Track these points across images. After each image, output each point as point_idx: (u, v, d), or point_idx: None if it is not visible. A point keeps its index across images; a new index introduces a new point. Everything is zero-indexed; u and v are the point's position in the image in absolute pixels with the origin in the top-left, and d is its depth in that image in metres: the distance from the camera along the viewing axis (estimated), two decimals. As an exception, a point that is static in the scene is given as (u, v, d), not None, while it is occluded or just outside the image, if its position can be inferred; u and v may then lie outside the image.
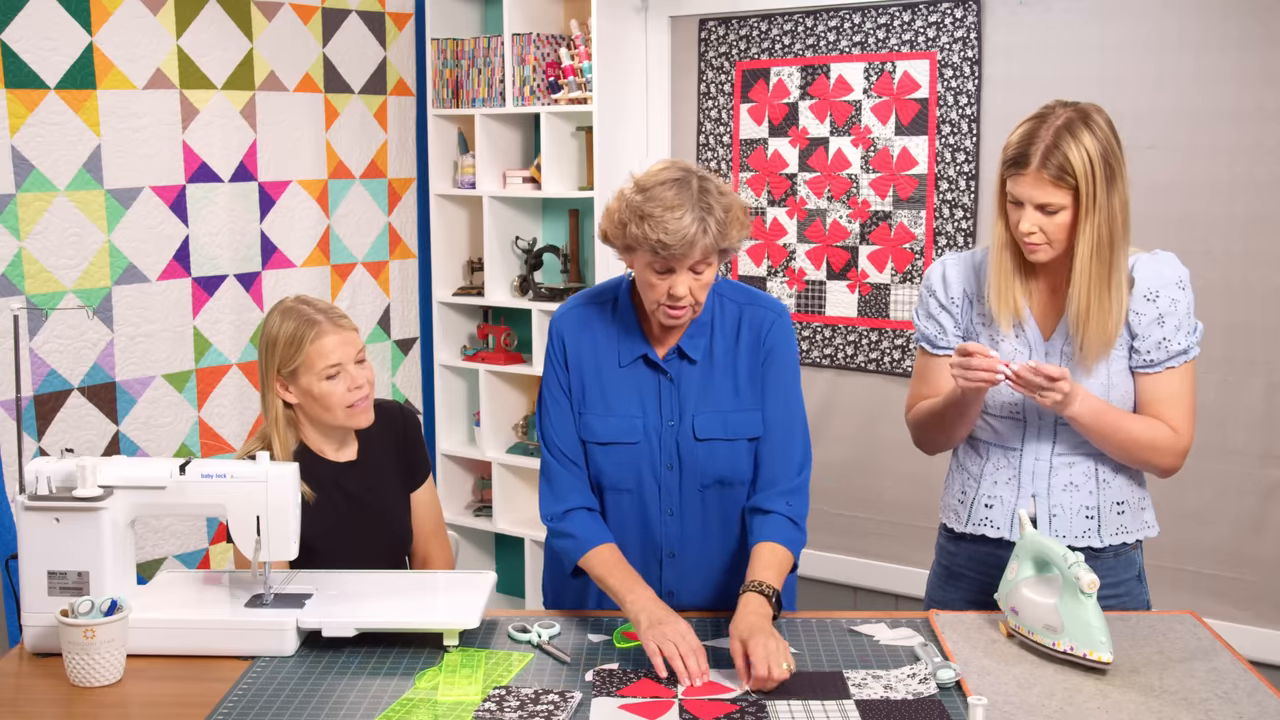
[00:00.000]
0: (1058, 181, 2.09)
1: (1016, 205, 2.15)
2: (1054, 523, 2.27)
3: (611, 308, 2.28)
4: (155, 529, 3.58)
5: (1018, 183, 2.12)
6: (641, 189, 2.08)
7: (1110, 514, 2.27)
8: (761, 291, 2.33)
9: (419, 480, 2.59)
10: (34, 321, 3.26)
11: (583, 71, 3.99)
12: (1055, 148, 2.08)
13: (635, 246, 2.09)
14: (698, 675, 1.94)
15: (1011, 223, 2.17)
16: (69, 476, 2.08)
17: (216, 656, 2.05)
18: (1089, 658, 1.94)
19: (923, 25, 3.56)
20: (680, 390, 2.23)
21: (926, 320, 2.37)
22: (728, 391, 2.24)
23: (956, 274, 2.33)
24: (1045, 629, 1.99)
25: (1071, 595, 1.96)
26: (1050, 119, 2.12)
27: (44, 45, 3.23)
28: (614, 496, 2.28)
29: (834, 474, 3.88)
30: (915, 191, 3.64)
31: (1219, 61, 3.16)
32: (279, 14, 3.83)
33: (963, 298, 2.32)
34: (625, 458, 2.24)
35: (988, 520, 2.32)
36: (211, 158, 3.68)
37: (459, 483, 4.55)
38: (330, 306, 2.45)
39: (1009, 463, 2.31)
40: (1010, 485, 2.30)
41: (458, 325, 4.46)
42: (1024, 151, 2.11)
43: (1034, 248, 2.16)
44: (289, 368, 2.37)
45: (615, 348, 2.25)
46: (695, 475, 2.24)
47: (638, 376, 2.25)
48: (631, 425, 2.23)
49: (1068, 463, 2.27)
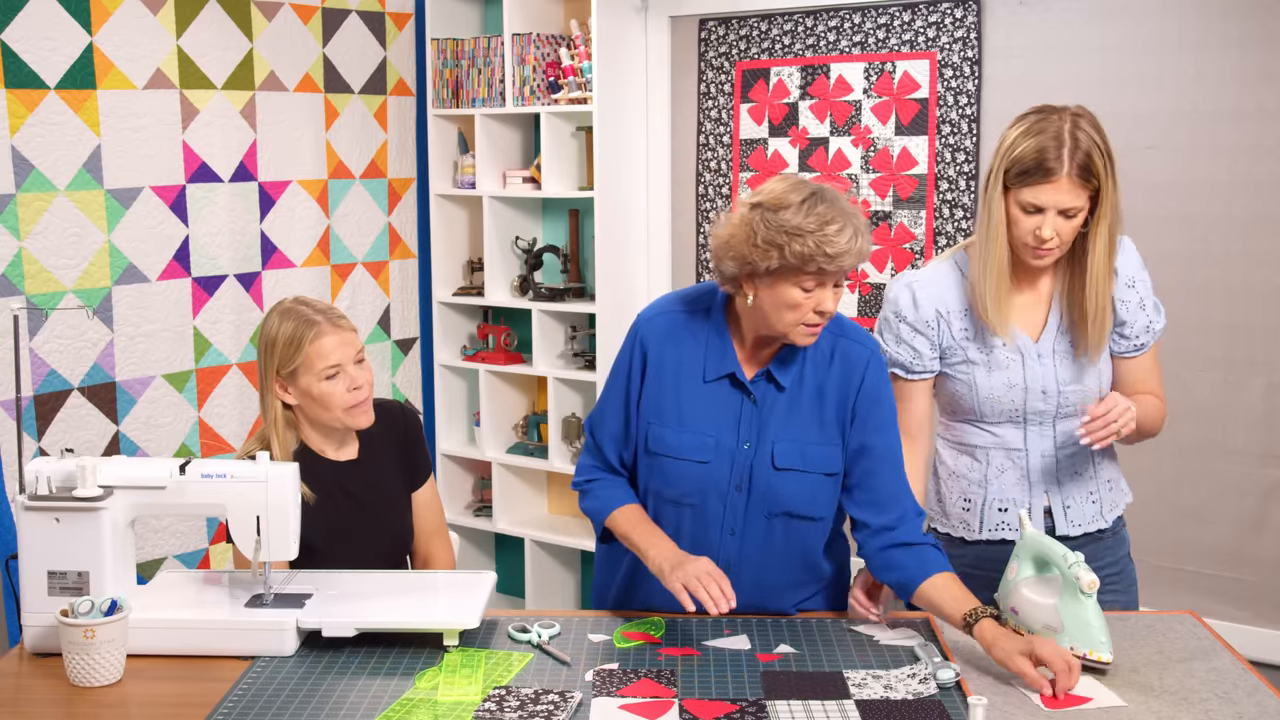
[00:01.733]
0: (1084, 184, 2.10)
1: (1033, 212, 2.14)
2: (1069, 514, 2.32)
3: (704, 317, 2.19)
4: (155, 529, 3.58)
5: (1041, 191, 2.11)
6: (780, 206, 1.99)
7: (1106, 493, 2.35)
8: (850, 321, 2.23)
9: (420, 480, 2.59)
10: (34, 321, 3.26)
11: (583, 71, 3.99)
12: (1077, 148, 2.09)
13: (795, 265, 1.98)
14: (722, 600, 1.98)
15: (1022, 230, 2.16)
16: (69, 476, 2.08)
17: (216, 656, 2.05)
18: (1089, 658, 1.93)
19: (923, 25, 3.57)
20: (762, 414, 2.15)
21: (898, 346, 2.32)
22: (813, 422, 2.15)
23: (925, 294, 2.30)
24: (1045, 629, 1.99)
25: (1071, 595, 1.96)
26: (1054, 122, 2.12)
27: (44, 45, 3.23)
28: (674, 510, 2.21)
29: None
30: (915, 191, 3.64)
31: (1219, 61, 3.16)
32: (279, 14, 3.83)
33: (936, 318, 2.30)
34: (694, 474, 2.17)
35: (1004, 524, 2.33)
36: (211, 158, 3.68)
37: (459, 483, 4.55)
38: (329, 307, 2.45)
39: (1014, 464, 2.32)
40: (1020, 486, 2.32)
41: (458, 325, 4.46)
42: (1044, 160, 2.10)
43: (1046, 253, 2.17)
44: (288, 368, 2.37)
45: (701, 362, 2.17)
46: (764, 502, 2.16)
47: (720, 394, 2.17)
48: (704, 443, 2.16)
49: (1070, 454, 2.30)
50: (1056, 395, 2.28)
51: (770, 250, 1.99)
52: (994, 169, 2.18)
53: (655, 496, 2.22)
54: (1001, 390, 2.28)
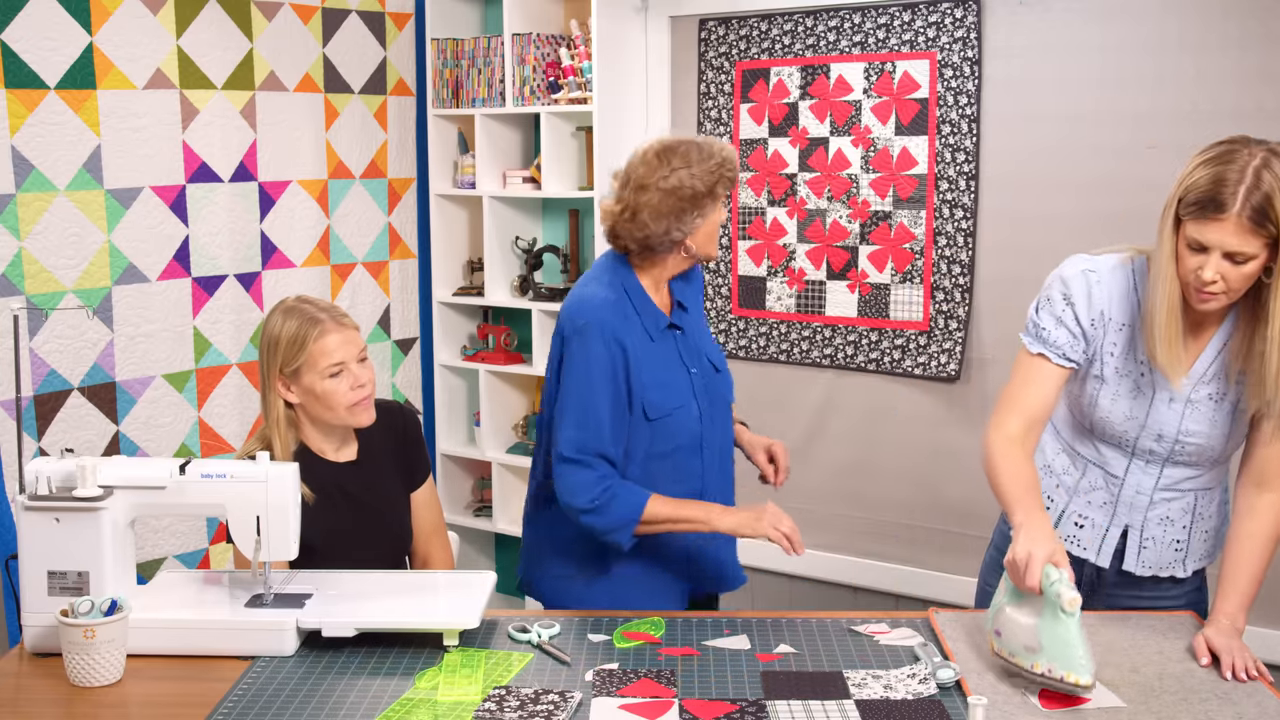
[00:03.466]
0: (1257, 229, 1.89)
1: (1198, 251, 1.95)
2: (1143, 555, 2.21)
3: (621, 290, 2.38)
4: (155, 529, 3.58)
5: (1206, 228, 1.92)
6: (685, 165, 2.32)
7: (1198, 544, 2.23)
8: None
9: (419, 480, 2.59)
10: (34, 321, 3.26)
11: (583, 71, 3.99)
12: (1256, 189, 1.89)
13: (724, 193, 2.35)
14: (800, 547, 2.25)
15: (1187, 268, 1.97)
16: (69, 476, 2.08)
17: (216, 656, 2.05)
18: (1066, 680, 1.85)
19: (923, 25, 3.56)
20: (688, 340, 2.46)
21: (1057, 328, 2.15)
22: (702, 319, 2.56)
23: (1101, 293, 2.13)
24: (1025, 650, 1.91)
25: (1053, 614, 1.86)
26: (1242, 156, 1.92)
27: (44, 45, 3.23)
28: (664, 462, 2.40)
29: (834, 474, 3.88)
30: (915, 191, 3.63)
31: (1219, 61, 3.16)
32: (279, 14, 3.83)
33: (1102, 319, 2.13)
34: (685, 418, 2.40)
35: (1075, 539, 2.24)
36: (211, 158, 3.68)
37: (459, 483, 4.55)
38: (332, 306, 2.45)
39: (1107, 487, 2.21)
40: (1105, 510, 2.22)
41: (458, 325, 4.46)
42: (1217, 194, 1.91)
43: (1209, 297, 1.98)
44: (291, 367, 2.37)
45: (643, 328, 2.38)
46: (722, 406, 2.50)
47: (664, 342, 2.42)
48: (679, 388, 2.41)
49: (1168, 498, 2.19)
50: (1173, 442, 2.14)
51: (717, 191, 2.33)
52: (1171, 196, 2.00)
53: (650, 458, 2.38)
54: (1119, 419, 2.15)
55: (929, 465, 3.73)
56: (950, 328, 3.62)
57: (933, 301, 3.64)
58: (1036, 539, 1.92)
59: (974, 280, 3.57)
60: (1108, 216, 3.24)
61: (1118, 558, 2.24)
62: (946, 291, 3.61)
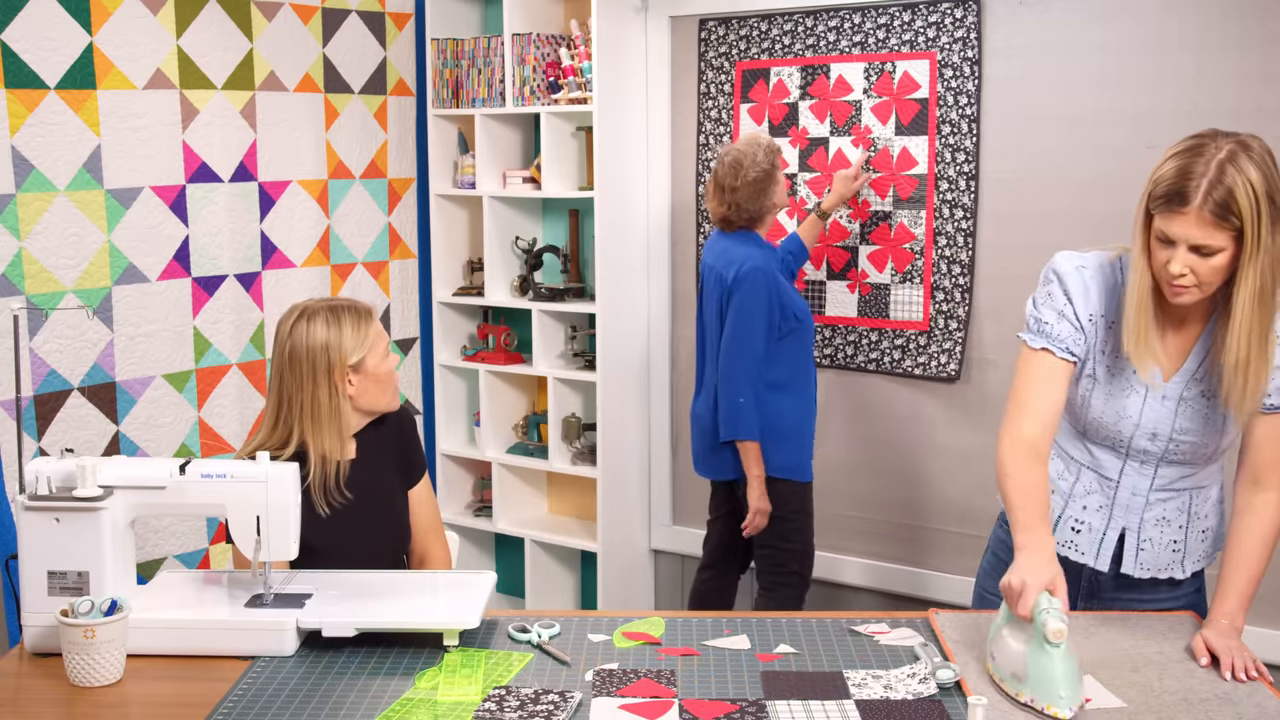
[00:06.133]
0: (1220, 222, 1.89)
1: (1166, 244, 1.95)
2: (1141, 556, 2.20)
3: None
4: (155, 529, 3.58)
5: (1171, 221, 1.92)
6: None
7: (1195, 544, 2.22)
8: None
9: (416, 478, 2.60)
10: (34, 321, 3.26)
11: (583, 71, 3.99)
12: (1219, 183, 1.88)
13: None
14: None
15: (1158, 262, 1.98)
16: (69, 476, 2.08)
17: (216, 656, 2.05)
18: (1046, 712, 1.81)
19: (923, 25, 3.56)
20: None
21: (1059, 320, 2.12)
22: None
23: (1097, 288, 2.12)
24: (1013, 677, 1.88)
25: (1039, 644, 1.82)
26: (1208, 150, 1.91)
27: (44, 45, 3.23)
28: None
29: (834, 474, 3.88)
30: (915, 191, 3.64)
31: (1219, 61, 3.16)
32: (279, 14, 3.83)
33: (1096, 316, 2.13)
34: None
35: (1073, 544, 2.23)
36: (211, 158, 3.68)
37: (459, 483, 4.55)
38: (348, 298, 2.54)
39: (1102, 491, 2.20)
40: (1101, 514, 2.21)
41: (458, 325, 4.46)
42: (1182, 188, 1.90)
43: (1180, 290, 1.97)
44: (357, 357, 2.40)
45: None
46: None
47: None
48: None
49: (1163, 498, 2.18)
50: (1167, 441, 2.13)
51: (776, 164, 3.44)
52: (1144, 190, 2.00)
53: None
54: (1112, 419, 2.14)
55: (929, 465, 3.73)
56: (950, 328, 3.62)
57: (933, 301, 3.64)
58: (1033, 566, 1.91)
59: (974, 280, 3.57)
60: (1108, 216, 3.24)
61: (1116, 561, 2.23)
62: (946, 291, 3.61)
